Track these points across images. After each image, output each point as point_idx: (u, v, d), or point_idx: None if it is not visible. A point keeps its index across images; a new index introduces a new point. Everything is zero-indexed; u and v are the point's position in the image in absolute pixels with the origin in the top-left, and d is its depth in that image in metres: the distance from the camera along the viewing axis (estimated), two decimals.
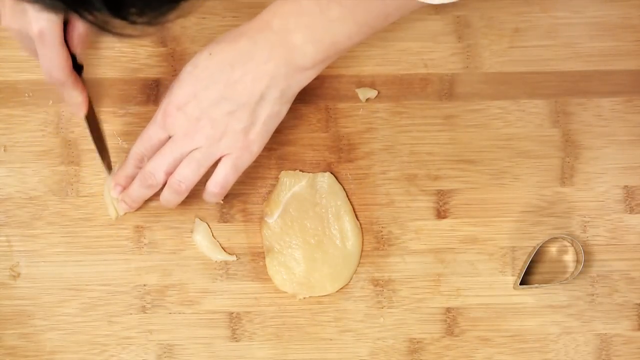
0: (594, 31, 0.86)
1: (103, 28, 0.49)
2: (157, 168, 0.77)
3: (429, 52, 0.85)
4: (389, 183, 0.85)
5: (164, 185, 0.78)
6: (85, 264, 0.84)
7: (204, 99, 0.75)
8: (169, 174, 0.77)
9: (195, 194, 0.85)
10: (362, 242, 0.85)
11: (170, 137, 0.77)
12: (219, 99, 0.74)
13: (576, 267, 0.85)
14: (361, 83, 0.85)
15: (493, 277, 0.85)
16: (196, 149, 0.76)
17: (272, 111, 0.75)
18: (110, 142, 0.84)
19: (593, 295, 0.85)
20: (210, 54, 0.75)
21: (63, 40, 0.75)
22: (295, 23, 0.73)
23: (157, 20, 0.49)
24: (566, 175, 0.86)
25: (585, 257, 0.84)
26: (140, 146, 0.78)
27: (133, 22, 0.48)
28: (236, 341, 0.85)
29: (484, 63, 0.86)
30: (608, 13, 0.86)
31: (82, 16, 0.48)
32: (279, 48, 0.73)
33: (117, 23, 0.48)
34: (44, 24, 0.73)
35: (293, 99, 0.76)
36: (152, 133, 0.77)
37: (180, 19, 0.83)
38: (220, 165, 0.77)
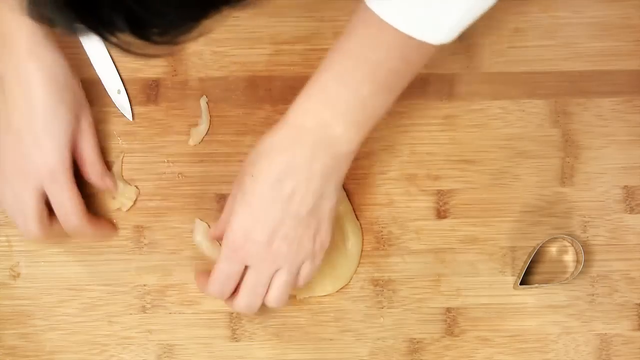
0: (594, 31, 0.86)
1: (126, 50, 0.49)
2: (251, 304, 0.77)
3: None
4: (389, 183, 0.85)
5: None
6: (85, 264, 0.84)
7: (268, 223, 0.73)
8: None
9: (195, 194, 0.85)
10: (362, 242, 0.85)
11: (245, 267, 0.75)
12: (282, 217, 0.73)
13: (576, 267, 0.85)
14: None
15: (493, 277, 0.85)
16: (278, 270, 0.75)
17: (332, 203, 0.75)
18: (110, 142, 0.85)
19: (593, 295, 0.85)
20: (253, 176, 0.73)
21: (74, 181, 0.77)
22: (332, 115, 0.71)
23: (178, 39, 0.49)
24: (566, 175, 0.86)
25: (585, 257, 0.84)
26: (219, 286, 0.76)
27: (155, 42, 0.48)
28: (236, 341, 0.85)
29: (484, 63, 0.86)
30: (608, 13, 0.86)
31: (105, 38, 0.48)
32: (321, 146, 0.72)
33: (140, 44, 0.48)
34: (52, 162, 0.75)
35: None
36: (228, 270, 0.75)
37: None
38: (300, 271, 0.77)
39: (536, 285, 0.85)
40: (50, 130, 0.76)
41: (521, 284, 0.84)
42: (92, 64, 0.84)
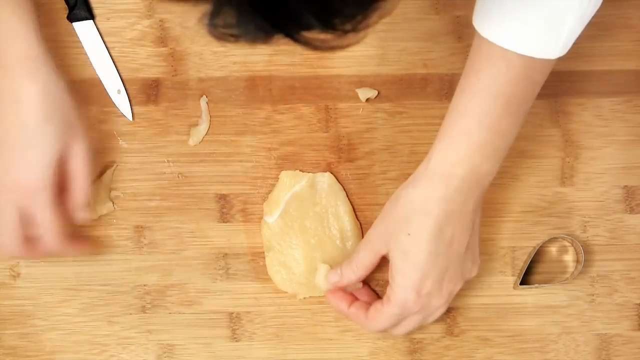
0: (594, 31, 0.85)
1: (314, 46, 0.49)
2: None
3: (429, 52, 0.85)
4: (389, 183, 0.85)
5: None
6: (85, 264, 0.84)
7: (436, 274, 0.75)
8: None
9: (195, 194, 0.85)
10: None
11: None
12: (447, 263, 0.75)
13: (576, 267, 0.85)
14: (361, 83, 0.85)
15: (493, 277, 0.85)
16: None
17: (479, 227, 0.77)
18: (111, 143, 0.85)
19: (593, 295, 0.85)
20: (410, 234, 0.74)
21: (55, 201, 0.76)
22: (480, 158, 0.73)
23: (361, 25, 0.49)
24: (566, 175, 0.86)
25: (585, 257, 0.84)
26: (381, 327, 0.79)
27: (341, 32, 0.49)
28: (236, 341, 0.85)
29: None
30: (608, 13, 0.85)
31: (293, 38, 0.49)
32: (472, 188, 0.74)
33: (324, 38, 0.49)
34: (34, 178, 0.74)
35: None
36: (394, 320, 0.78)
37: (182, 19, 0.83)
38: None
39: (536, 285, 0.85)
40: (35, 146, 0.75)
41: (521, 284, 0.84)
42: (92, 64, 0.84)
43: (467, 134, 0.73)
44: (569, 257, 0.86)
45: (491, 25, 0.70)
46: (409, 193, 0.75)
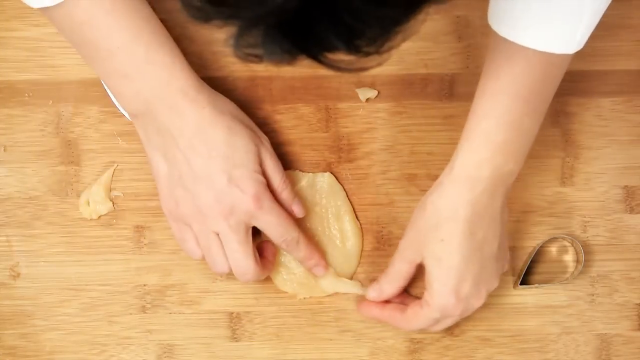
0: (594, 31, 0.85)
1: (339, 68, 0.49)
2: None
3: (429, 52, 0.85)
4: (389, 183, 0.85)
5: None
6: (85, 264, 0.84)
7: (473, 276, 0.75)
8: None
9: None
10: (362, 242, 0.85)
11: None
12: (483, 263, 0.76)
13: (576, 267, 0.85)
14: (361, 83, 0.85)
15: None
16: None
17: (507, 222, 0.78)
18: (111, 143, 0.84)
19: (593, 295, 0.85)
20: (443, 240, 0.74)
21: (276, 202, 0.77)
22: (504, 158, 0.73)
23: (385, 47, 0.49)
24: (566, 175, 0.86)
25: (585, 257, 0.84)
26: (420, 327, 0.79)
27: (365, 54, 0.49)
28: (236, 341, 0.85)
29: (484, 63, 0.85)
30: (608, 13, 0.85)
31: (317, 60, 0.49)
32: (498, 186, 0.74)
33: (349, 60, 0.49)
34: (254, 187, 0.75)
35: None
36: (432, 322, 0.78)
37: (181, 20, 0.83)
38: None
39: (536, 285, 0.85)
40: (237, 161, 0.75)
41: (521, 284, 0.84)
42: None
43: (489, 135, 0.73)
44: (569, 257, 0.86)
45: (508, 24, 0.70)
46: (435, 200, 0.75)
